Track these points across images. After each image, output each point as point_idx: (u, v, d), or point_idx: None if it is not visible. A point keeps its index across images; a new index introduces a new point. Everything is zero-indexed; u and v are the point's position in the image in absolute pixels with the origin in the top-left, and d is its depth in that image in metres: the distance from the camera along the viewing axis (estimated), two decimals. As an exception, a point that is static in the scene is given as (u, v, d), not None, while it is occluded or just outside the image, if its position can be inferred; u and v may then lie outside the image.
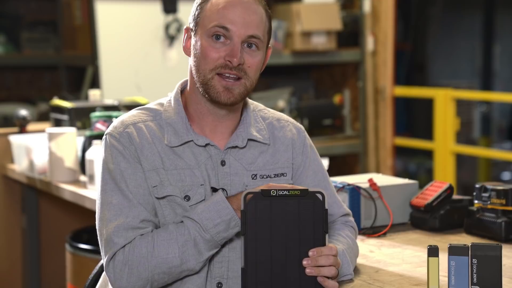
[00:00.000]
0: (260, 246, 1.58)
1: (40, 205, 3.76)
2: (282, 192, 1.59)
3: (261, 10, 1.72)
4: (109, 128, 1.76)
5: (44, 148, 3.16)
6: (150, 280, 1.65)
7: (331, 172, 2.19)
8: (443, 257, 1.67)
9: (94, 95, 3.74)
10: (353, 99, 5.13)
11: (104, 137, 1.75)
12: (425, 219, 2.20)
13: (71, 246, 3.11)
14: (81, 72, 4.83)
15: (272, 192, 1.59)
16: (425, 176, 6.58)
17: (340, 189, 2.21)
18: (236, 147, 1.76)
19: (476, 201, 2.14)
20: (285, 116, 1.89)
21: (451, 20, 7.54)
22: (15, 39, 5.54)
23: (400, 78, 6.67)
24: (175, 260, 1.64)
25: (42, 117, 4.63)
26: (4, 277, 3.74)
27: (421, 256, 1.94)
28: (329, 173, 1.94)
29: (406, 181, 2.33)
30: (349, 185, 2.21)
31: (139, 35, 4.60)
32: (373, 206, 2.22)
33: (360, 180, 2.27)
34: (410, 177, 2.70)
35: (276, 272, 1.58)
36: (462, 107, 6.10)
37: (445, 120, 4.84)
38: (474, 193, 2.14)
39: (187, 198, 1.70)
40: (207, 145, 1.74)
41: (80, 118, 3.48)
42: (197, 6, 1.74)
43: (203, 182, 1.72)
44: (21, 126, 3.64)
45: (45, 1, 5.79)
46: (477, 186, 2.13)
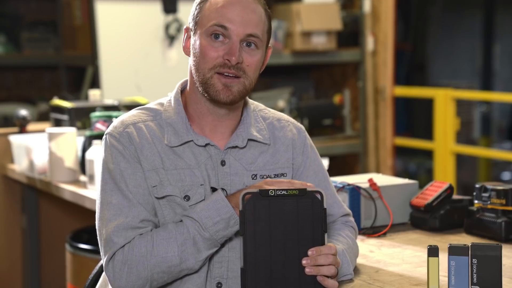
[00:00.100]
0: (259, 246, 1.57)
1: (40, 205, 3.76)
2: (281, 191, 1.58)
3: (260, 9, 1.72)
4: (109, 128, 1.76)
5: (44, 148, 3.16)
6: (150, 279, 1.65)
7: (331, 172, 2.19)
8: (443, 257, 1.67)
9: (94, 95, 3.74)
10: (353, 99, 5.13)
11: (104, 137, 1.75)
12: (425, 219, 2.20)
13: (71, 246, 3.11)
14: (81, 72, 4.82)
15: (271, 192, 1.58)
16: (425, 176, 6.58)
17: (340, 189, 2.21)
18: (236, 147, 1.76)
19: (476, 201, 2.14)
20: (285, 116, 1.89)
21: (451, 20, 7.54)
22: (15, 39, 5.53)
23: (400, 78, 6.67)
24: (174, 258, 1.64)
25: (42, 117, 4.63)
26: (4, 277, 3.73)
27: (421, 256, 1.94)
28: (329, 173, 1.94)
29: (406, 181, 2.32)
30: (349, 185, 2.21)
31: (139, 35, 4.60)
32: (373, 206, 2.22)
33: (360, 180, 2.27)
34: (410, 177, 2.70)
35: (275, 272, 1.57)
36: (462, 107, 6.10)
37: (445, 120, 4.84)
38: (474, 193, 2.14)
39: (187, 198, 1.70)
40: (207, 145, 1.74)
41: (80, 118, 3.48)
42: (197, 5, 1.74)
43: (203, 182, 1.71)
44: (21, 126, 3.64)
45: (45, 1, 5.78)
46: (477, 186, 2.13)
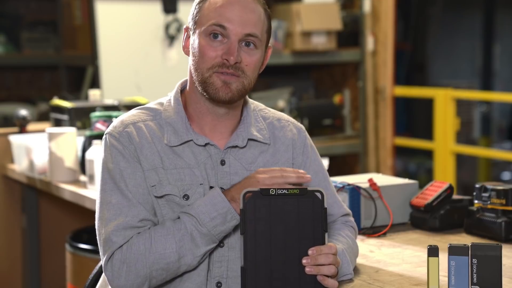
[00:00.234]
0: (259, 245, 1.58)
1: (40, 205, 3.76)
2: (281, 191, 1.59)
3: (260, 9, 1.72)
4: (109, 127, 1.76)
5: (44, 148, 3.16)
6: (149, 277, 1.65)
7: (331, 172, 2.19)
8: (443, 257, 1.67)
9: (94, 95, 3.74)
10: (353, 99, 5.12)
11: (104, 136, 1.75)
12: (425, 219, 2.20)
13: (71, 246, 3.11)
14: (81, 72, 4.82)
15: (271, 191, 1.58)
16: (425, 176, 6.58)
17: (340, 189, 2.20)
18: (236, 146, 1.76)
19: (476, 201, 2.14)
20: (285, 116, 1.89)
21: (451, 20, 7.54)
22: (15, 39, 5.54)
23: (400, 78, 6.67)
24: (173, 255, 1.64)
25: (42, 117, 4.63)
26: (4, 277, 3.73)
27: (421, 256, 1.94)
28: (329, 173, 1.94)
29: (406, 181, 2.32)
30: (349, 185, 2.20)
31: (139, 35, 4.59)
32: (373, 206, 2.22)
33: (360, 180, 2.27)
34: (410, 177, 2.70)
35: (275, 271, 1.57)
36: (462, 107, 6.10)
37: (445, 120, 4.84)
38: (474, 193, 2.14)
39: (186, 197, 1.70)
40: (206, 144, 1.74)
41: (80, 118, 3.48)
42: (196, 5, 1.74)
43: (203, 182, 1.71)
44: (21, 126, 3.64)
45: (45, 1, 5.78)
46: (477, 186, 2.13)
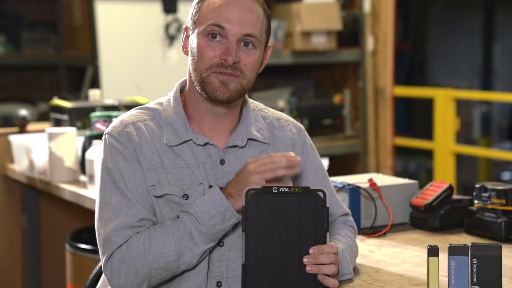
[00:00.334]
0: (261, 243, 1.58)
1: (40, 205, 3.76)
2: (284, 189, 1.59)
3: (259, 9, 1.72)
4: (108, 127, 1.76)
5: (44, 148, 3.16)
6: (148, 276, 1.65)
7: (331, 172, 2.19)
8: (443, 257, 1.67)
9: (94, 95, 3.74)
10: (353, 99, 5.12)
11: (103, 136, 1.75)
12: (425, 219, 2.20)
13: (71, 246, 3.11)
14: (81, 72, 4.82)
15: (274, 189, 1.59)
16: (425, 176, 6.58)
17: (340, 189, 2.20)
18: (235, 146, 1.76)
19: (476, 201, 2.13)
20: (285, 115, 1.89)
21: (451, 20, 7.54)
22: (15, 39, 5.54)
23: (400, 78, 6.66)
24: (172, 253, 1.64)
25: (42, 117, 4.63)
26: (4, 277, 3.73)
27: (421, 256, 1.94)
28: (329, 173, 1.94)
29: (406, 181, 2.32)
30: (349, 185, 2.20)
31: (139, 35, 4.59)
32: (373, 206, 2.22)
33: (360, 180, 2.26)
34: (410, 177, 2.70)
35: (276, 269, 1.58)
36: (462, 107, 6.10)
37: (445, 120, 4.83)
38: (474, 193, 2.14)
39: (186, 197, 1.70)
40: (206, 144, 1.74)
41: (80, 118, 3.48)
42: (195, 5, 1.74)
43: (202, 181, 1.71)
44: (21, 126, 3.64)
45: (45, 1, 5.79)
46: (477, 186, 2.13)
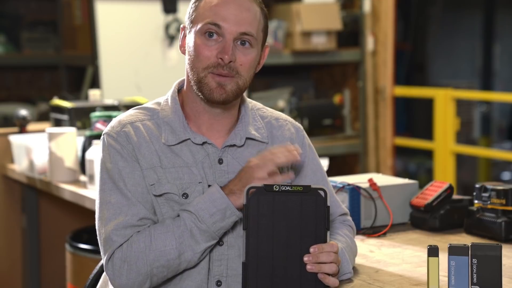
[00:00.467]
0: (261, 241, 1.58)
1: (40, 205, 3.76)
2: (285, 187, 1.59)
3: (256, 7, 1.71)
4: (107, 127, 1.76)
5: (44, 148, 3.16)
6: (150, 274, 1.65)
7: (331, 172, 2.19)
8: (443, 257, 1.67)
9: (94, 95, 3.74)
10: (353, 99, 5.12)
11: (102, 136, 1.76)
12: (425, 219, 2.20)
13: (71, 246, 3.11)
14: (81, 72, 4.82)
15: (275, 187, 1.59)
16: (425, 176, 6.57)
17: (340, 189, 2.20)
18: (234, 145, 1.76)
19: (476, 201, 2.13)
20: (283, 115, 1.89)
21: (451, 20, 7.54)
22: (15, 39, 5.54)
23: (400, 78, 6.66)
24: (173, 251, 1.64)
25: (42, 117, 4.63)
26: (4, 277, 3.73)
27: (421, 256, 1.94)
28: (329, 173, 1.94)
29: (406, 181, 2.32)
30: (349, 185, 2.20)
31: (139, 35, 4.59)
32: (373, 206, 2.22)
33: (360, 180, 2.26)
34: (410, 177, 2.70)
35: (277, 268, 1.58)
36: (462, 107, 6.10)
37: (445, 120, 4.83)
38: (474, 193, 2.14)
39: (185, 195, 1.70)
40: (204, 143, 1.74)
41: (80, 118, 3.48)
42: (192, 4, 1.74)
43: (201, 180, 1.72)
44: (21, 126, 3.64)
45: (45, 1, 5.79)
46: (477, 186, 2.13)
